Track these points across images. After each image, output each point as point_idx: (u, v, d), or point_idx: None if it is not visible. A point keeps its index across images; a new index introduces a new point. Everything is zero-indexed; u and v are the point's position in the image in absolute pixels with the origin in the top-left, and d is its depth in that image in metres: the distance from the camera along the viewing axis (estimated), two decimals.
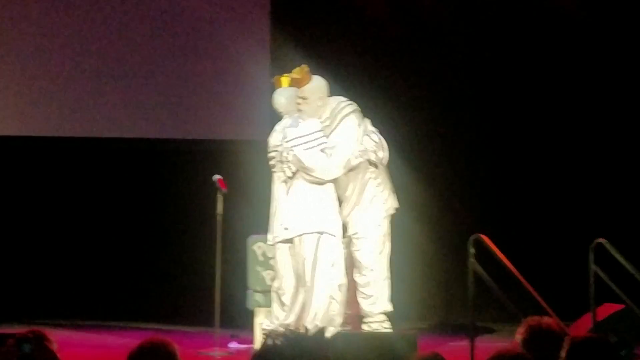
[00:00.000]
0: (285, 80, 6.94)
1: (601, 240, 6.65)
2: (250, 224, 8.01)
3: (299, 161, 6.66)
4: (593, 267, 6.66)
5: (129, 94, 8.98)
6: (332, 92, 7.76)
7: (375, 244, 6.84)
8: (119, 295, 8.93)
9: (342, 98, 6.93)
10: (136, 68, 8.99)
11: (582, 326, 6.93)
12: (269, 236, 6.96)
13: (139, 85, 8.99)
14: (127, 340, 7.50)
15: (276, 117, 7.26)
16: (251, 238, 7.69)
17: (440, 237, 8.99)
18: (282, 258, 6.82)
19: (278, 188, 6.88)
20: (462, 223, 8.35)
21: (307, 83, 6.78)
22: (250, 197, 8.33)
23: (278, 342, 2.56)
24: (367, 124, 6.97)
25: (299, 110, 6.81)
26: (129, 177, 9.12)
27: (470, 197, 8.70)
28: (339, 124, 6.80)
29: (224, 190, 7.37)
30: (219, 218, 7.33)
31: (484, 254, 6.65)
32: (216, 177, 7.44)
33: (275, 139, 6.91)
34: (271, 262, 7.33)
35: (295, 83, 6.80)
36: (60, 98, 8.93)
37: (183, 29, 9.06)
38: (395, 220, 7.69)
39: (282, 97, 6.97)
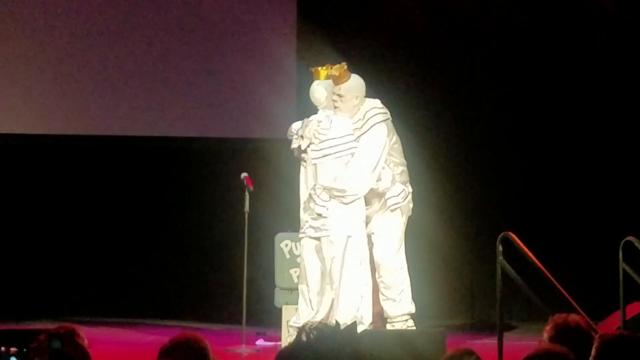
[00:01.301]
0: (323, 72, 6.92)
1: (630, 238, 6.60)
2: (277, 222, 8.02)
3: (330, 189, 6.67)
4: (622, 265, 6.61)
5: (157, 92, 9.01)
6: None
7: (393, 244, 6.84)
8: (147, 292, 8.97)
9: (378, 103, 6.92)
10: (165, 66, 9.02)
11: (611, 324, 6.88)
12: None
13: (167, 84, 9.02)
14: (154, 337, 7.54)
15: (304, 115, 7.26)
16: (279, 236, 7.70)
17: (468, 236, 8.96)
18: (308, 254, 6.83)
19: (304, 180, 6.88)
20: (491, 221, 8.32)
21: (346, 81, 6.79)
22: (278, 195, 8.34)
23: (312, 335, 2.54)
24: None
25: (335, 107, 6.81)
26: (158, 176, 9.15)
27: (498, 196, 8.66)
28: (368, 130, 6.79)
29: (251, 188, 7.39)
30: (246, 216, 7.35)
31: (512, 252, 6.62)
32: (243, 175, 7.46)
33: (308, 131, 6.84)
34: (298, 259, 7.35)
35: (334, 80, 6.81)
36: (88, 96, 8.97)
37: (210, 27, 9.08)
38: (424, 220, 7.67)
39: (323, 88, 6.92)
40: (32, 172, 9.12)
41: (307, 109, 7.15)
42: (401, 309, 6.84)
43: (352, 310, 6.55)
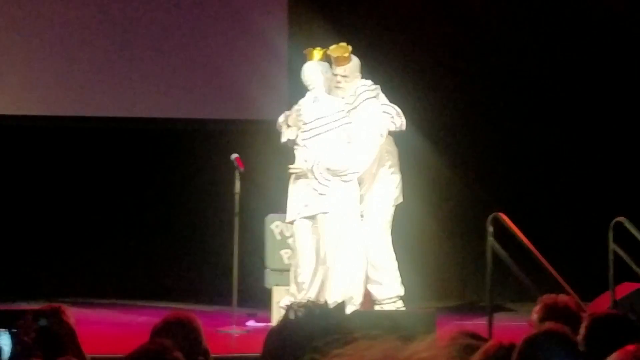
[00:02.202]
0: (318, 53, 6.89)
1: (620, 218, 6.61)
2: (268, 203, 8.01)
3: (328, 170, 6.66)
4: (612, 245, 6.63)
5: (147, 73, 8.97)
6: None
7: (382, 228, 6.85)
8: (138, 274, 8.96)
9: (368, 82, 6.93)
10: (155, 47, 8.97)
11: (601, 305, 6.90)
12: (287, 214, 6.96)
13: (158, 65, 8.98)
14: (145, 318, 7.52)
15: (296, 96, 7.23)
16: (269, 217, 7.69)
17: (458, 216, 8.96)
18: (302, 235, 6.82)
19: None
20: (481, 201, 8.32)
21: (349, 62, 6.76)
22: (268, 176, 8.32)
23: (300, 314, 2.53)
24: (382, 99, 6.97)
25: (337, 88, 6.82)
26: (148, 157, 9.13)
27: (488, 176, 8.67)
28: (359, 105, 6.78)
29: (242, 169, 7.37)
30: (236, 197, 7.33)
31: (502, 232, 6.63)
32: (234, 156, 7.44)
33: (292, 120, 6.84)
34: (289, 241, 7.34)
35: (339, 60, 6.80)
36: (76, 76, 8.91)
37: (201, 7, 9.03)
38: (414, 201, 7.66)
39: (318, 70, 6.87)
40: (19, 154, 9.07)
41: (299, 90, 7.13)
42: (389, 292, 6.84)
43: (343, 290, 6.56)
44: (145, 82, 8.97)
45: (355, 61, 6.89)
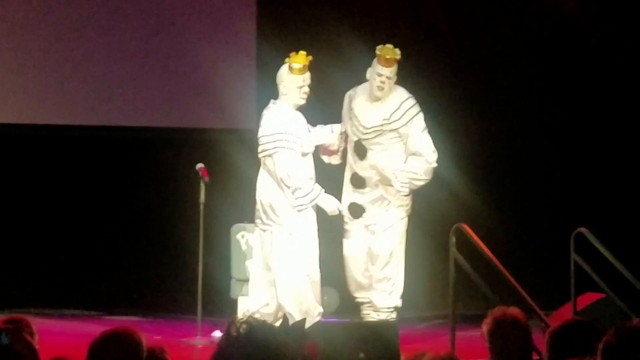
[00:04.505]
0: (302, 58, 6.75)
1: (582, 229, 6.65)
2: (234, 213, 8.00)
3: (417, 179, 6.85)
4: (574, 256, 6.66)
5: (113, 81, 8.93)
6: (323, 78, 7.75)
7: (395, 238, 6.88)
8: (102, 284, 8.90)
9: (406, 92, 7.05)
10: (121, 55, 8.94)
11: (563, 315, 6.93)
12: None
13: (123, 73, 8.94)
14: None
15: (262, 106, 7.20)
16: (235, 227, 7.69)
17: (421, 227, 8.97)
18: (256, 242, 6.86)
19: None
20: (444, 213, 8.33)
21: (396, 65, 6.88)
22: (234, 186, 8.31)
23: (242, 331, 2.49)
24: None
25: (379, 89, 6.85)
26: (112, 166, 9.07)
27: (452, 187, 8.67)
28: (413, 118, 6.93)
29: (207, 178, 7.37)
30: (201, 207, 7.33)
31: (465, 243, 6.65)
32: (199, 165, 7.43)
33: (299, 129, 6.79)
34: (254, 251, 7.36)
35: (390, 63, 6.81)
36: (39, 85, 8.85)
37: (168, 15, 9.00)
38: None
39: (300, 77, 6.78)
40: None
41: (268, 100, 7.12)
42: (390, 302, 6.88)
43: (290, 305, 6.53)
44: (109, 90, 8.92)
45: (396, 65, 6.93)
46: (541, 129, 9.09)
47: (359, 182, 6.98)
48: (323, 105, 7.66)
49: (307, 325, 6.01)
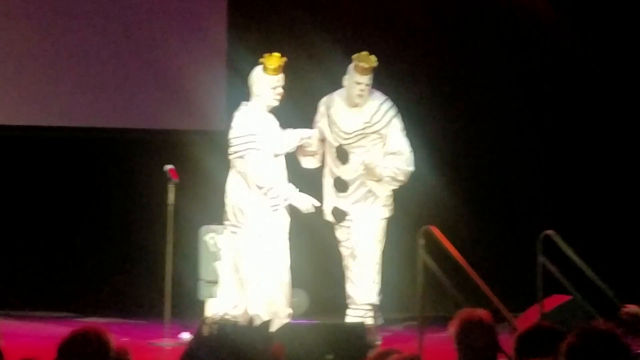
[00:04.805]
0: (276, 59, 6.72)
1: (549, 231, 6.69)
2: (202, 215, 7.98)
3: (397, 179, 6.89)
4: (541, 258, 6.70)
5: (82, 82, 8.87)
6: (295, 79, 7.73)
7: (373, 235, 6.89)
8: (70, 286, 8.85)
9: (383, 95, 7.08)
10: (90, 55, 8.88)
11: (530, 317, 6.97)
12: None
13: (93, 73, 8.88)
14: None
15: (231, 107, 7.18)
16: (203, 228, 7.68)
17: (391, 229, 8.97)
18: (225, 244, 6.86)
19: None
20: (413, 215, 8.35)
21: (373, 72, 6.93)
22: (203, 187, 8.29)
23: (213, 331, 2.52)
24: None
25: (359, 97, 6.90)
26: (80, 168, 9.01)
27: (420, 189, 8.69)
28: (392, 120, 6.98)
29: (176, 180, 7.35)
30: (170, 208, 7.30)
31: (434, 245, 6.67)
32: (168, 167, 7.41)
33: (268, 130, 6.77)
34: (222, 252, 7.34)
35: (368, 71, 6.87)
36: (6, 86, 8.76)
37: (138, 15, 8.95)
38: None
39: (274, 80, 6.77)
40: None
41: (238, 101, 7.10)
42: (368, 298, 6.92)
43: (257, 307, 6.52)
44: (77, 90, 8.85)
45: None
46: (509, 131, 9.13)
47: (342, 185, 7.02)
48: (296, 107, 7.65)
49: (276, 326, 6.01)
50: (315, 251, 8.21)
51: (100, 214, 8.97)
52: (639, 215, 8.87)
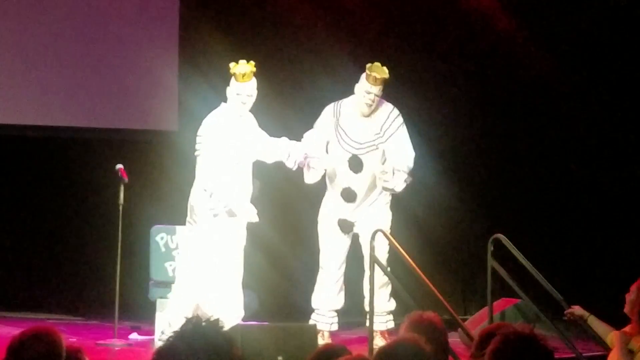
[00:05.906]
0: (244, 66, 6.67)
1: (498, 235, 6.75)
2: (154, 215, 7.94)
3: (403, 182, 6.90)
4: (491, 261, 6.76)
5: (32, 80, 8.79)
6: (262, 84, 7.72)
7: (384, 246, 6.89)
8: (17, 285, 8.76)
9: (390, 105, 7.07)
10: (41, 54, 8.80)
11: (479, 320, 7.03)
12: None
13: (43, 72, 8.80)
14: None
15: (183, 108, 7.19)
16: (154, 229, 7.63)
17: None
18: (183, 242, 6.84)
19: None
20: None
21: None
22: (154, 187, 8.26)
23: (190, 327, 2.53)
24: None
25: (369, 107, 6.93)
26: (30, 166, 8.93)
27: None
28: (398, 129, 6.99)
29: (126, 179, 7.31)
30: (120, 208, 7.26)
31: (390, 248, 6.70)
32: (118, 166, 7.37)
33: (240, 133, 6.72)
34: (174, 252, 7.32)
35: (381, 82, 6.87)
36: None
37: (90, 15, 8.90)
38: (305, 220, 7.68)
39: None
40: None
41: (189, 102, 7.08)
42: (388, 306, 6.96)
43: (213, 307, 6.51)
44: (26, 88, 8.77)
45: None
46: (461, 135, 9.20)
47: (350, 195, 7.01)
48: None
49: (226, 327, 5.99)
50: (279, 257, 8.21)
51: (51, 213, 8.89)
52: (586, 218, 8.99)
